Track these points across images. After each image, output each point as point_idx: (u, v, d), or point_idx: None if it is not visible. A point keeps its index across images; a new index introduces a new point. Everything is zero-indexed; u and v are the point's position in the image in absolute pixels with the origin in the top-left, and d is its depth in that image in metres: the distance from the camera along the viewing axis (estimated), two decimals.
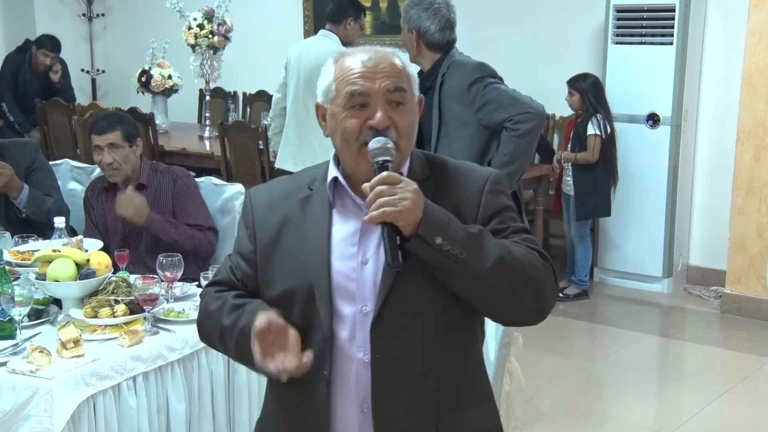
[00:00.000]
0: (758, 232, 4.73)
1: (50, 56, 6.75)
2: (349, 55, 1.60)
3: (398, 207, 1.46)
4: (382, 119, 1.55)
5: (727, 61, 5.10)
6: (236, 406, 2.65)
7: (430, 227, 1.48)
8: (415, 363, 1.57)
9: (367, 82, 1.56)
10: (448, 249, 1.48)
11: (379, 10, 6.59)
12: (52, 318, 2.54)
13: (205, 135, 6.25)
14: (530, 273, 1.54)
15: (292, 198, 1.66)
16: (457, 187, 1.62)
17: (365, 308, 1.57)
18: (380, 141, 1.54)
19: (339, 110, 1.58)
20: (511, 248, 1.54)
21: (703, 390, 3.95)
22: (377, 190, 1.47)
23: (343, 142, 1.59)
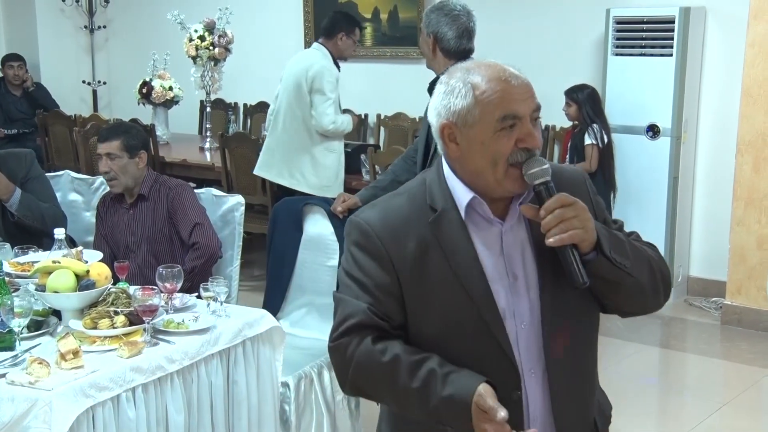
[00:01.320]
0: (758, 243, 4.73)
1: (15, 65, 6.93)
2: (483, 75, 1.56)
3: (584, 228, 1.51)
4: (537, 139, 1.55)
5: (726, 73, 5.11)
6: (235, 417, 2.64)
7: (606, 243, 1.54)
8: (577, 368, 1.65)
9: (519, 105, 1.54)
10: (620, 261, 1.55)
11: (379, 22, 6.61)
12: (51, 329, 2.54)
13: (205, 146, 6.26)
14: (663, 268, 1.66)
15: (420, 222, 1.59)
16: (565, 187, 1.60)
17: (523, 324, 1.60)
18: (539, 161, 1.54)
19: (486, 132, 1.54)
20: (642, 249, 1.65)
21: (704, 402, 3.94)
22: (558, 213, 1.50)
23: (489, 164, 1.54)
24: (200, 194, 3.43)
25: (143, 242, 3.23)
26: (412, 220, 1.60)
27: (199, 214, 3.22)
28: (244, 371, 2.65)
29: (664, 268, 1.67)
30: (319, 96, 4.75)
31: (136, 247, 3.24)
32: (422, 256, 1.57)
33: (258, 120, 6.97)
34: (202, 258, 3.15)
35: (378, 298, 1.58)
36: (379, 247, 1.58)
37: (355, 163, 5.05)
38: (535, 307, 1.59)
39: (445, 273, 1.56)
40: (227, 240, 3.35)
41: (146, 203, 3.25)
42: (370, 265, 1.58)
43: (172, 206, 3.22)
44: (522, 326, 1.59)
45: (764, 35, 4.63)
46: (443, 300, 1.56)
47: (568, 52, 5.69)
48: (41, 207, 3.44)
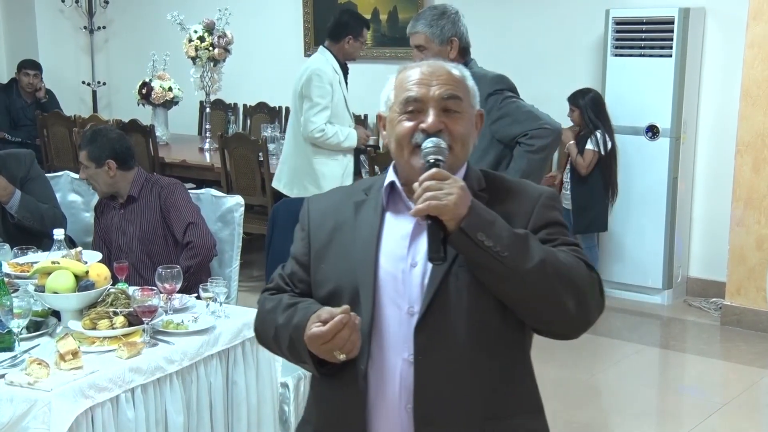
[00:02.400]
0: (758, 243, 4.73)
1: (31, 74, 6.90)
2: (409, 68, 1.68)
3: (443, 201, 1.48)
4: (433, 122, 1.60)
5: (726, 73, 5.12)
6: (235, 418, 2.64)
7: (474, 222, 1.50)
8: (457, 366, 1.58)
9: (422, 89, 1.62)
10: (490, 245, 1.49)
11: (379, 23, 6.62)
12: (50, 330, 2.54)
13: (205, 147, 6.26)
14: (574, 279, 1.54)
15: (347, 202, 1.72)
16: (511, 201, 1.65)
17: (412, 309, 1.60)
18: (433, 141, 1.58)
19: (395, 116, 1.65)
20: (556, 254, 1.56)
21: (703, 402, 3.94)
22: (425, 185, 1.51)
23: (396, 146, 1.64)
24: (199, 195, 3.43)
25: (136, 242, 3.24)
26: (344, 201, 1.73)
27: (193, 213, 3.22)
28: (244, 372, 2.65)
29: (580, 281, 1.54)
30: (306, 102, 4.63)
31: (128, 248, 3.25)
32: (333, 234, 1.70)
33: (257, 121, 6.97)
34: (197, 257, 3.15)
35: (291, 266, 1.76)
36: (305, 222, 1.76)
37: (354, 164, 5.05)
38: (428, 295, 1.58)
39: (345, 249, 1.67)
40: (227, 241, 3.35)
41: (137, 204, 3.26)
42: (297, 236, 1.78)
43: (165, 206, 3.22)
44: (411, 311, 1.60)
45: (763, 36, 4.63)
46: (336, 272, 1.66)
47: (568, 53, 5.70)
48: (41, 208, 3.44)
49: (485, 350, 1.60)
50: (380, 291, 1.62)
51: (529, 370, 1.70)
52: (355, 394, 1.62)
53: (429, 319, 1.58)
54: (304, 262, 1.74)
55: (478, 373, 1.60)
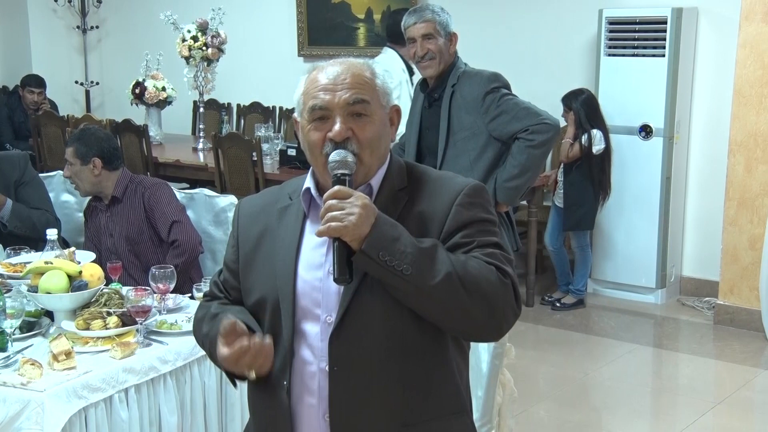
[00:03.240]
0: (750, 243, 4.75)
1: (36, 92, 6.88)
2: (317, 70, 1.63)
3: (344, 222, 1.47)
4: (339, 131, 1.57)
5: (718, 73, 5.13)
6: (228, 418, 2.64)
7: (375, 242, 1.48)
8: (373, 375, 1.57)
9: (327, 95, 1.58)
10: (393, 265, 1.48)
11: (372, 22, 6.62)
12: (43, 330, 2.53)
13: (199, 147, 6.25)
14: (482, 288, 1.51)
15: (273, 208, 1.70)
16: (430, 198, 1.61)
17: (329, 318, 1.59)
18: (339, 154, 1.56)
19: (305, 123, 1.62)
20: (466, 264, 1.52)
21: (697, 401, 3.95)
22: (327, 204, 1.50)
23: (310, 155, 1.62)
24: (193, 194, 3.43)
25: (123, 243, 3.24)
26: (271, 206, 1.70)
27: (176, 211, 3.22)
28: None
29: (489, 292, 1.51)
30: None
31: (116, 248, 3.25)
32: (259, 240, 1.68)
33: (251, 120, 6.96)
34: (183, 255, 3.15)
35: (224, 273, 1.77)
36: (235, 228, 1.74)
37: None
38: (342, 304, 1.57)
39: (269, 257, 1.65)
40: (221, 240, 3.34)
41: (121, 205, 3.26)
42: (229, 242, 1.77)
43: (149, 206, 3.22)
44: (328, 321, 1.59)
45: (755, 36, 4.64)
46: (260, 282, 1.66)
47: (561, 52, 5.71)
48: (32, 216, 3.42)
49: (400, 358, 1.58)
50: (299, 301, 1.60)
51: (450, 374, 1.65)
52: (280, 406, 1.62)
53: (343, 328, 1.56)
54: (234, 269, 1.73)
55: (394, 381, 1.58)
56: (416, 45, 3.34)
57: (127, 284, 2.85)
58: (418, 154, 3.49)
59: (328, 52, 6.84)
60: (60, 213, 3.63)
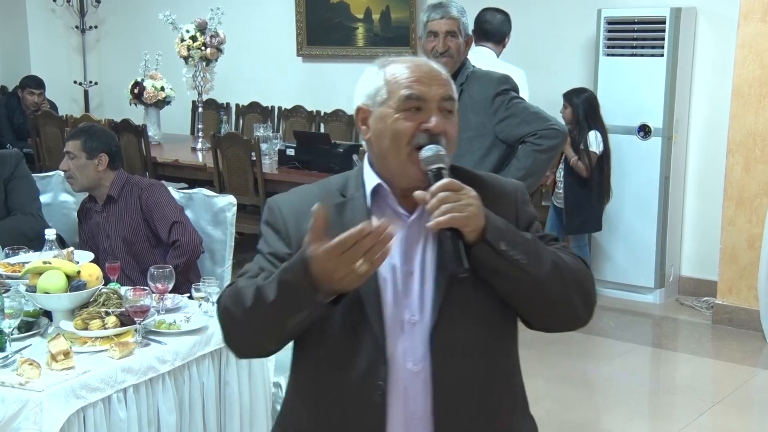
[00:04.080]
0: (749, 243, 4.75)
1: (36, 93, 6.88)
2: (399, 62, 1.62)
3: (465, 212, 1.46)
4: (438, 123, 1.55)
5: (717, 73, 5.14)
6: (227, 418, 2.64)
7: (495, 232, 1.49)
8: (468, 374, 1.57)
9: (424, 87, 1.57)
10: (512, 254, 1.49)
11: (371, 22, 6.62)
12: (42, 330, 2.53)
13: (197, 147, 6.25)
14: (580, 278, 1.58)
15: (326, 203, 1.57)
16: (490, 197, 1.59)
17: (413, 318, 1.56)
18: (433, 149, 1.54)
19: (390, 112, 1.57)
20: (560, 254, 1.57)
21: (695, 401, 3.95)
22: (441, 196, 1.47)
23: (392, 145, 1.57)
24: (192, 194, 3.42)
25: (120, 244, 3.23)
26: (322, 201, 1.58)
27: (176, 212, 3.22)
28: (236, 372, 2.65)
29: (585, 280, 1.59)
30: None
31: (113, 250, 3.24)
32: None
33: (250, 120, 6.96)
34: (184, 255, 3.15)
35: (272, 262, 1.60)
36: (281, 224, 1.64)
37: (347, 163, 5.05)
38: (427, 303, 1.55)
39: None
40: (219, 240, 3.34)
41: (116, 205, 3.25)
42: (272, 237, 1.64)
43: (147, 207, 3.21)
44: (412, 320, 1.56)
45: (754, 36, 4.65)
46: None
47: (560, 52, 5.71)
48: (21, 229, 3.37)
49: (489, 357, 1.59)
50: (384, 301, 1.56)
51: (520, 374, 1.70)
52: (372, 409, 1.55)
53: (440, 327, 1.54)
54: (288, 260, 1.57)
55: (485, 379, 1.59)
56: (438, 40, 3.30)
57: (124, 285, 2.84)
58: None
59: (327, 52, 6.85)
60: (58, 213, 3.63)
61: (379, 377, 1.54)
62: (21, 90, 6.96)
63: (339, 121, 6.70)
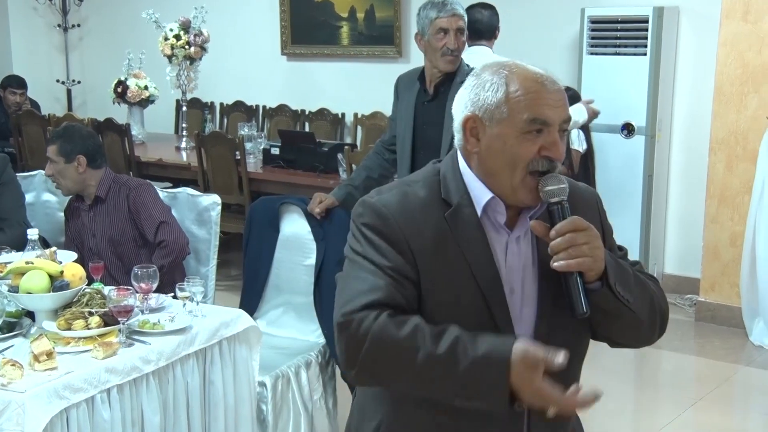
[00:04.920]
0: (731, 240, 4.78)
1: (18, 93, 6.81)
2: (523, 76, 1.50)
3: (593, 256, 1.44)
4: (561, 150, 1.49)
5: (699, 72, 5.17)
6: (212, 418, 2.64)
7: (613, 275, 1.48)
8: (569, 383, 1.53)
9: (550, 111, 1.48)
10: (624, 296, 1.50)
11: (356, 21, 6.61)
12: (24, 331, 2.51)
13: (182, 146, 6.23)
14: (662, 307, 1.61)
15: (435, 212, 1.53)
16: (580, 211, 1.54)
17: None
18: (557, 179, 1.48)
19: (510, 132, 1.48)
20: (645, 282, 1.59)
21: (678, 397, 3.98)
22: (569, 238, 1.43)
23: (508, 167, 1.49)
24: (176, 194, 3.41)
25: (106, 244, 3.22)
26: (428, 208, 1.53)
27: (163, 212, 3.20)
28: (221, 371, 2.64)
29: (664, 304, 1.63)
30: None
31: (98, 249, 3.23)
32: (439, 246, 1.51)
33: (234, 119, 6.95)
34: (170, 255, 3.13)
35: (398, 280, 1.48)
36: (398, 233, 1.50)
37: (332, 162, 5.05)
38: (527, 326, 1.53)
39: (460, 264, 1.50)
40: (204, 239, 3.33)
41: (104, 205, 3.24)
42: (387, 249, 1.49)
43: (134, 207, 3.19)
44: None
45: (736, 35, 4.68)
46: (456, 290, 1.50)
47: (544, 51, 5.72)
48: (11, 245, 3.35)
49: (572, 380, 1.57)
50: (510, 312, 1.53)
51: None
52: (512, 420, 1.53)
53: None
54: (413, 278, 1.49)
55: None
56: (449, 37, 3.28)
57: (108, 285, 2.83)
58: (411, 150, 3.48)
59: (311, 51, 6.84)
60: (41, 213, 3.61)
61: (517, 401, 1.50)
62: (2, 90, 6.90)
63: (324, 120, 6.70)
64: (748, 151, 4.67)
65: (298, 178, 5.04)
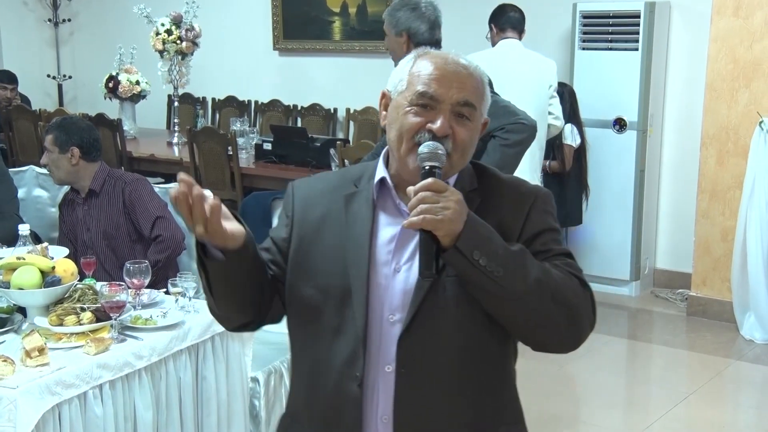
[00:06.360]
0: (722, 235, 4.80)
1: (8, 88, 6.77)
2: (432, 56, 1.58)
3: (439, 216, 1.41)
4: (442, 126, 1.51)
5: (690, 67, 5.18)
6: (204, 413, 2.63)
7: (470, 240, 1.43)
8: (442, 379, 1.53)
9: (440, 88, 1.53)
10: (485, 265, 1.43)
11: (348, 16, 6.60)
12: (16, 326, 2.51)
13: (173, 141, 6.20)
14: (568, 298, 1.51)
15: (337, 193, 1.62)
16: (504, 202, 1.58)
17: (392, 317, 1.54)
18: (431, 146, 1.49)
19: (403, 103, 1.55)
20: (551, 271, 1.51)
21: (670, 392, 4.00)
22: (420, 196, 1.43)
23: (397, 136, 1.55)
24: (168, 189, 3.40)
25: (100, 238, 3.22)
26: (332, 191, 1.64)
27: (160, 208, 3.20)
28: (213, 367, 2.64)
29: (574, 301, 1.51)
30: (552, 96, 4.61)
31: (92, 243, 3.22)
32: (321, 225, 1.61)
33: (226, 114, 6.93)
34: (166, 251, 3.13)
35: (270, 247, 1.66)
36: (290, 207, 1.66)
37: (324, 158, 5.04)
38: (407, 304, 1.52)
39: (335, 246, 1.58)
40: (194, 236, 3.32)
41: (98, 199, 3.23)
42: (281, 220, 1.69)
43: (130, 201, 3.19)
44: (391, 319, 1.54)
45: (727, 30, 4.69)
46: (325, 267, 1.58)
47: (536, 46, 5.69)
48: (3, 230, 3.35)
49: (470, 364, 1.54)
50: (370, 296, 1.54)
51: (511, 381, 1.65)
52: (350, 399, 1.54)
53: (414, 330, 1.51)
54: (283, 247, 1.64)
55: (462, 387, 1.55)
56: None
57: (102, 279, 2.82)
58: None
59: (303, 46, 6.83)
60: (32, 208, 3.60)
61: (357, 369, 1.53)
62: None
63: (316, 115, 6.69)
64: (740, 147, 4.69)
65: (290, 173, 5.03)
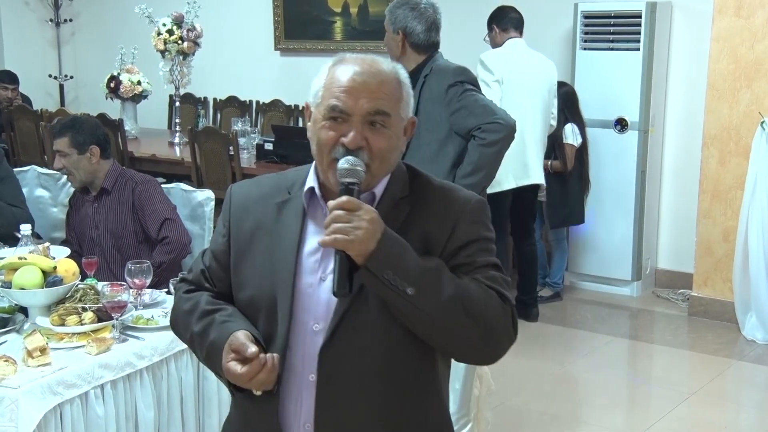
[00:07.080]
0: (724, 235, 4.80)
1: (9, 88, 6.77)
2: (343, 64, 1.55)
3: (350, 236, 1.42)
4: (354, 139, 1.50)
5: (692, 67, 5.18)
6: (206, 413, 2.63)
7: (381, 260, 1.44)
8: (363, 389, 1.54)
9: (349, 100, 1.51)
10: (396, 284, 1.44)
11: (349, 16, 6.61)
12: (18, 326, 2.51)
13: (175, 141, 6.21)
14: (484, 315, 1.49)
15: (270, 201, 1.63)
16: (433, 211, 1.57)
17: (316, 326, 1.54)
18: (349, 161, 1.49)
19: (319, 118, 1.55)
20: (468, 287, 1.50)
21: (671, 392, 4.00)
22: (334, 215, 1.43)
23: (317, 151, 1.56)
24: (170, 189, 3.41)
25: (108, 236, 3.22)
26: (267, 198, 1.64)
27: (168, 210, 3.21)
28: None
29: (490, 318, 1.50)
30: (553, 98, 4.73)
31: (100, 241, 3.23)
32: (253, 235, 1.62)
33: (228, 114, 6.93)
34: (172, 253, 3.14)
35: (211, 262, 1.68)
36: (227, 217, 1.67)
37: None
38: (336, 314, 1.53)
39: (266, 255, 1.59)
40: (197, 235, 3.34)
41: (109, 197, 3.24)
42: (219, 230, 1.69)
43: (139, 201, 3.19)
44: (315, 328, 1.55)
45: (728, 30, 4.69)
46: (255, 279, 1.60)
47: (537, 46, 5.70)
48: (15, 214, 3.36)
49: (391, 373, 1.55)
50: (295, 306, 1.55)
51: (437, 390, 1.63)
52: (267, 412, 1.56)
53: (336, 340, 1.52)
54: (223, 260, 1.65)
55: (382, 397, 1.55)
56: None
57: (106, 278, 2.82)
58: None
59: (304, 46, 6.83)
60: (34, 208, 3.60)
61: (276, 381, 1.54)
62: None
63: None
64: (741, 147, 4.69)
65: None
